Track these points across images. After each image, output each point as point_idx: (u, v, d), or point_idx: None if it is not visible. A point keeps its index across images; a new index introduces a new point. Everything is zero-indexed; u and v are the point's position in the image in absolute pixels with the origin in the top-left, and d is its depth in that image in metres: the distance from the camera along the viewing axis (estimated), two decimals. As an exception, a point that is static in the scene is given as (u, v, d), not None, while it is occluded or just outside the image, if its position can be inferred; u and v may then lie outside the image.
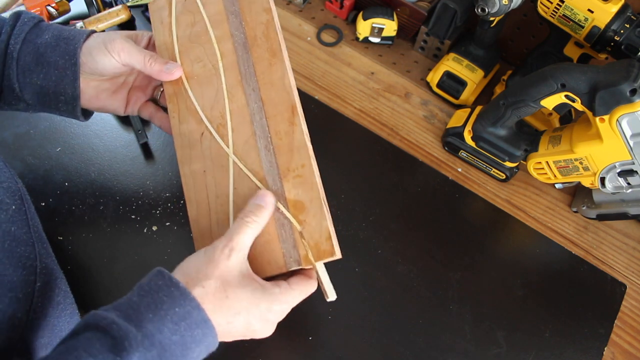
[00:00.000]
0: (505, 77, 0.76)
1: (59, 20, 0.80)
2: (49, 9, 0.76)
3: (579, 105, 0.56)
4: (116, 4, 0.80)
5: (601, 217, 0.66)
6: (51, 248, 0.51)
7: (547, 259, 0.65)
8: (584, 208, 0.68)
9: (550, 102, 0.58)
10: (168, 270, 0.42)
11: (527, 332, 0.60)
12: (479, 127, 0.67)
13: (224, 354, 0.55)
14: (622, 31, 0.59)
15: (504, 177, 0.69)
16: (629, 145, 0.55)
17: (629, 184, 0.58)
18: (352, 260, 0.62)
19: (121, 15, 0.77)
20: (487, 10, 0.63)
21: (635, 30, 0.58)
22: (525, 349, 0.59)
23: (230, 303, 0.42)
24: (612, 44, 0.60)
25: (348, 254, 0.62)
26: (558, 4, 0.61)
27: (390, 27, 0.80)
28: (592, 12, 0.59)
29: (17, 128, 0.69)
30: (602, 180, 0.60)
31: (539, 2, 0.63)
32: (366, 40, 0.82)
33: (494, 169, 0.69)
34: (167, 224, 0.63)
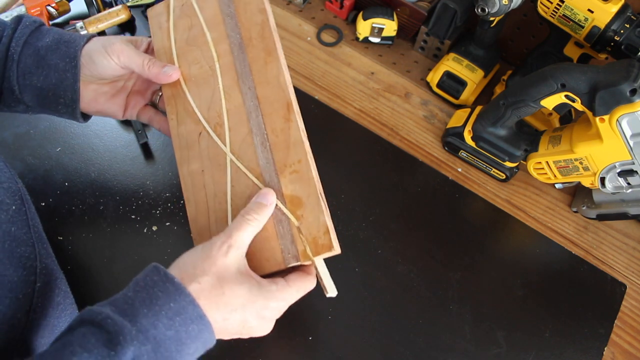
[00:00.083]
0: (505, 77, 0.76)
1: (59, 20, 0.80)
2: (49, 9, 0.76)
3: (579, 105, 0.56)
4: (116, 4, 0.80)
5: (601, 217, 0.66)
6: (51, 248, 0.51)
7: (547, 259, 0.65)
8: (584, 208, 0.68)
9: (550, 102, 0.58)
10: (165, 267, 0.42)
11: (527, 332, 0.60)
12: (479, 127, 0.67)
13: (223, 354, 0.55)
14: (622, 31, 0.59)
15: (504, 177, 0.69)
16: (629, 145, 0.55)
17: (629, 184, 0.58)
18: (352, 260, 0.62)
19: (121, 15, 0.77)
20: (487, 10, 0.63)
21: (635, 30, 0.58)
22: (525, 349, 0.59)
23: (227, 300, 0.42)
24: (612, 44, 0.60)
25: (348, 254, 0.62)
26: (558, 4, 0.61)
27: (390, 27, 0.80)
28: (592, 12, 0.59)
29: (17, 128, 0.69)
30: (602, 180, 0.60)
31: (539, 2, 0.63)
32: (366, 40, 0.82)
33: (494, 169, 0.69)
34: (167, 224, 0.63)
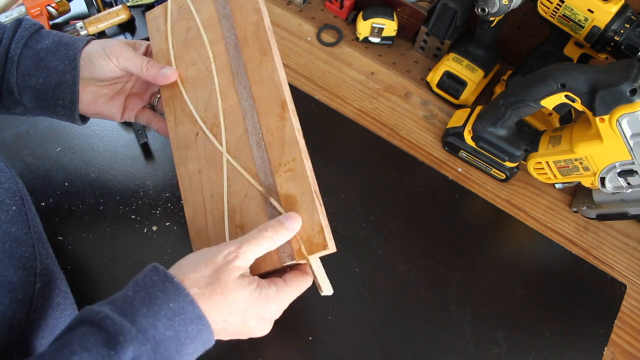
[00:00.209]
0: (505, 77, 0.76)
1: (59, 20, 0.80)
2: (49, 9, 0.76)
3: (579, 105, 0.56)
4: (116, 4, 0.80)
5: (601, 217, 0.66)
6: (51, 248, 0.51)
7: (547, 259, 0.65)
8: (584, 208, 0.68)
9: (550, 102, 0.58)
10: (166, 267, 0.42)
11: (527, 332, 0.60)
12: (479, 127, 0.67)
13: (223, 354, 0.55)
14: (622, 31, 0.59)
15: (504, 177, 0.69)
16: (629, 145, 0.55)
17: (629, 184, 0.58)
18: (352, 260, 0.62)
19: (121, 15, 0.77)
20: (487, 10, 0.63)
21: (635, 30, 0.58)
22: (525, 349, 0.59)
23: (227, 304, 0.42)
24: (612, 44, 0.60)
25: (348, 254, 0.62)
26: (558, 4, 0.61)
27: (390, 27, 0.80)
28: (592, 12, 0.59)
29: (17, 128, 0.69)
30: (602, 180, 0.60)
31: (539, 2, 0.63)
32: (366, 40, 0.82)
33: (494, 169, 0.69)
34: (167, 224, 0.63)
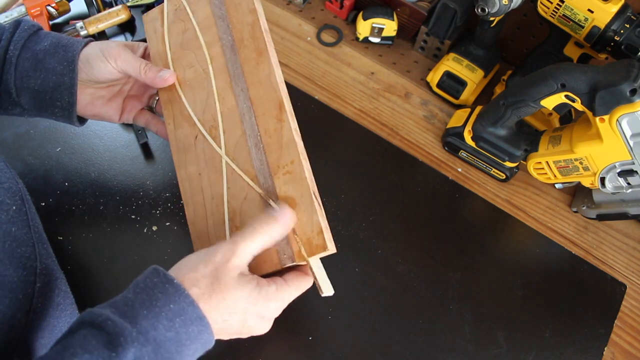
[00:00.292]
0: (505, 77, 0.76)
1: (59, 20, 0.80)
2: (49, 9, 0.76)
3: (579, 105, 0.56)
4: (116, 4, 0.80)
5: (601, 217, 0.66)
6: (51, 248, 0.51)
7: (547, 259, 0.65)
8: (584, 208, 0.68)
9: (550, 102, 0.58)
10: (166, 269, 0.42)
11: (527, 332, 0.60)
12: (479, 127, 0.67)
13: (223, 354, 0.55)
14: (622, 31, 0.59)
15: (504, 177, 0.69)
16: (629, 145, 0.55)
17: (629, 184, 0.58)
18: (352, 260, 0.62)
19: (121, 15, 0.77)
20: (487, 10, 0.63)
21: (635, 30, 0.58)
22: (525, 349, 0.59)
23: (227, 303, 0.42)
24: (612, 44, 0.60)
25: (348, 254, 0.62)
26: (558, 4, 0.61)
27: (390, 27, 0.80)
28: (592, 12, 0.59)
29: (17, 128, 0.69)
30: (602, 180, 0.60)
31: (539, 2, 0.63)
32: (366, 40, 0.82)
33: (494, 169, 0.69)
34: (167, 224, 0.63)
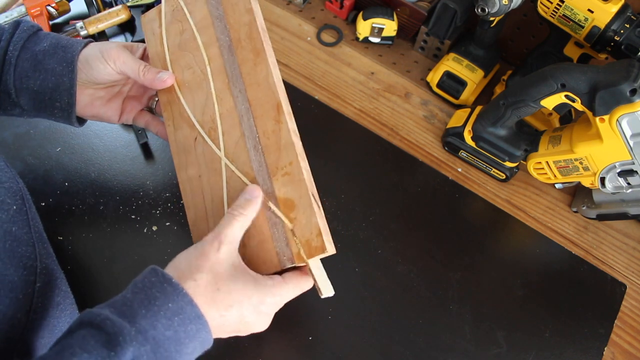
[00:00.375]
0: (505, 77, 0.76)
1: (59, 20, 0.80)
2: (49, 9, 0.76)
3: (579, 105, 0.56)
4: (116, 4, 0.80)
5: (601, 217, 0.66)
6: (51, 248, 0.51)
7: (547, 259, 0.65)
8: (584, 208, 0.68)
9: (550, 102, 0.58)
10: (163, 267, 0.43)
11: (527, 332, 0.60)
12: (479, 127, 0.67)
13: (223, 354, 0.55)
14: (622, 31, 0.59)
15: (504, 177, 0.69)
16: (629, 145, 0.55)
17: (629, 184, 0.58)
18: (352, 260, 0.62)
19: (121, 15, 0.77)
20: (487, 10, 0.63)
21: (635, 30, 0.58)
22: (525, 349, 0.59)
23: (222, 296, 0.42)
24: (612, 44, 0.60)
25: (348, 254, 0.62)
26: (558, 4, 0.61)
27: (390, 27, 0.80)
28: (592, 12, 0.59)
29: (17, 128, 0.69)
30: (602, 180, 0.60)
31: (539, 2, 0.63)
32: (366, 40, 0.82)
33: (494, 169, 0.69)
34: (167, 224, 0.63)
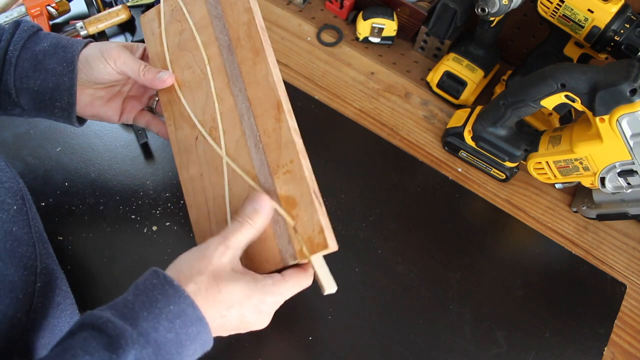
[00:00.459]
0: (505, 77, 0.76)
1: (59, 20, 0.80)
2: (49, 9, 0.76)
3: (579, 105, 0.56)
4: (116, 4, 0.80)
5: (601, 217, 0.66)
6: (51, 248, 0.51)
7: (547, 259, 0.65)
8: (584, 208, 0.68)
9: (550, 102, 0.58)
10: (164, 269, 0.43)
11: (527, 332, 0.60)
12: (479, 127, 0.67)
13: (223, 354, 0.55)
14: (622, 31, 0.59)
15: (504, 177, 0.69)
16: (629, 145, 0.55)
17: (629, 184, 0.58)
18: (352, 260, 0.62)
19: (121, 15, 0.77)
20: (487, 10, 0.63)
21: (635, 30, 0.58)
22: (525, 349, 0.59)
23: (223, 297, 0.42)
24: (612, 44, 0.60)
25: (348, 254, 0.62)
26: (558, 4, 0.61)
27: (390, 27, 0.80)
28: (592, 12, 0.59)
29: (17, 128, 0.69)
30: (602, 180, 0.60)
31: (539, 2, 0.63)
32: (366, 40, 0.82)
33: (494, 169, 0.69)
34: (167, 224, 0.63)
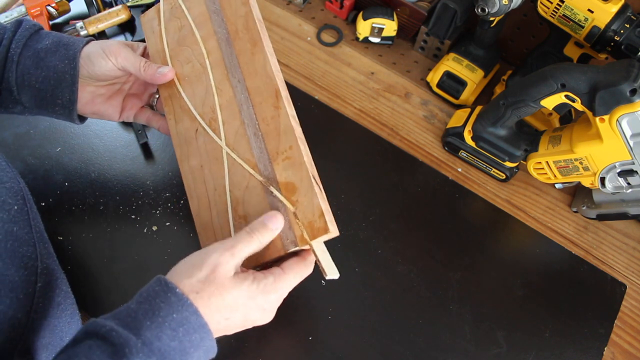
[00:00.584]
0: (505, 77, 0.76)
1: (59, 20, 0.80)
2: (49, 9, 0.76)
3: (579, 105, 0.56)
4: (116, 4, 0.80)
5: (601, 217, 0.66)
6: (52, 248, 0.51)
7: (547, 259, 0.65)
8: (584, 208, 0.68)
9: (550, 102, 0.58)
10: (166, 270, 0.43)
11: (527, 332, 0.60)
12: (479, 127, 0.67)
13: (223, 354, 0.55)
14: (622, 31, 0.59)
15: (504, 177, 0.69)
16: (629, 145, 0.55)
17: (629, 184, 0.58)
18: (352, 260, 0.62)
19: (121, 15, 0.77)
20: (487, 10, 0.63)
21: (635, 30, 0.58)
22: (525, 349, 0.59)
23: (227, 303, 0.42)
24: (612, 44, 0.60)
25: (348, 254, 0.62)
26: (558, 4, 0.61)
27: (390, 27, 0.80)
28: (592, 12, 0.59)
29: (17, 128, 0.69)
30: (602, 180, 0.60)
31: (539, 2, 0.63)
32: (366, 40, 0.82)
33: (494, 169, 0.69)
34: (167, 224, 0.63)
